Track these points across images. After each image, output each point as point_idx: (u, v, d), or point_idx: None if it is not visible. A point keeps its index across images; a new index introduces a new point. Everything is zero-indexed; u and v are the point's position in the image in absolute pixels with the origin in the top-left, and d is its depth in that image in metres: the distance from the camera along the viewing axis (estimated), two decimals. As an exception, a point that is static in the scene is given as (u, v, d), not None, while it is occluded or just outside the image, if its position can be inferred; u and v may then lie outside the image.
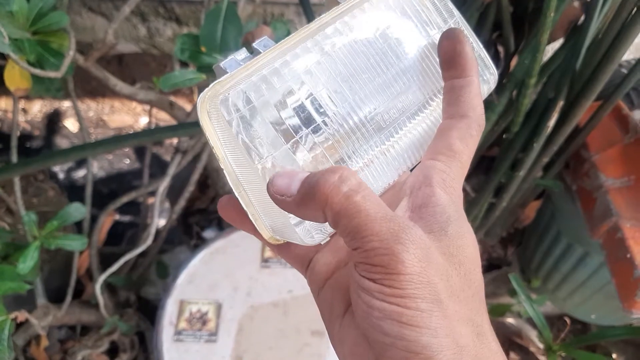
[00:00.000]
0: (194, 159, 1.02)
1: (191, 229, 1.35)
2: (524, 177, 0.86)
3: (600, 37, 0.72)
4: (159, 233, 1.11)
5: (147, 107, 1.65)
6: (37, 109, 1.65)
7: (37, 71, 0.73)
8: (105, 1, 1.51)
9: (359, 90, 0.30)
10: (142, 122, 1.66)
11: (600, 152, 0.86)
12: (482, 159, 1.00)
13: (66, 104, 1.66)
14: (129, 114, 1.67)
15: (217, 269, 0.97)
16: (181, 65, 0.94)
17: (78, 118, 1.00)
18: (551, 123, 0.77)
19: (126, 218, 1.44)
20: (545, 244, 1.04)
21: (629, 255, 0.79)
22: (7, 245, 0.88)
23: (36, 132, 1.61)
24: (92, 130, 1.63)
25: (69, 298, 1.00)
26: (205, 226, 1.33)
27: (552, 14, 0.64)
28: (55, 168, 1.51)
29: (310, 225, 0.30)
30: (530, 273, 1.14)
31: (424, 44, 0.33)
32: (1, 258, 0.88)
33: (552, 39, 0.77)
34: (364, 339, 0.27)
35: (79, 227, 1.09)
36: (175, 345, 0.88)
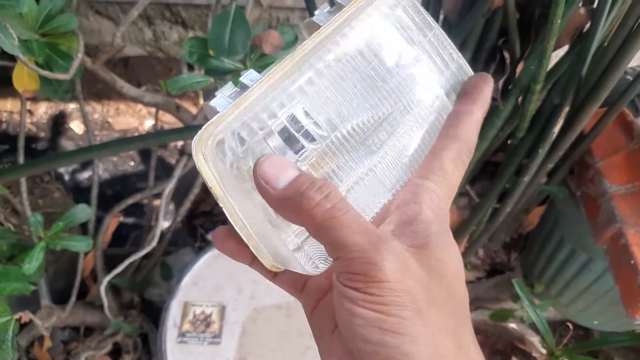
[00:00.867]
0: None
1: (196, 231, 1.36)
2: (529, 182, 0.87)
3: (606, 44, 0.72)
4: (163, 235, 1.11)
5: (153, 110, 1.66)
6: (43, 110, 1.66)
7: (45, 73, 0.73)
8: (112, 4, 1.52)
9: (348, 116, 0.31)
10: (147, 124, 1.67)
11: (605, 158, 0.86)
12: (487, 165, 1.00)
13: (72, 106, 1.66)
14: (134, 117, 1.68)
15: (221, 272, 0.98)
16: (188, 68, 0.95)
17: (84, 120, 1.01)
18: (556, 129, 0.77)
19: (130, 220, 1.44)
20: (548, 249, 1.04)
21: (633, 262, 0.79)
22: (13, 246, 0.89)
23: (42, 134, 1.62)
24: (97, 132, 1.64)
25: (73, 299, 1.00)
26: (210, 228, 1.34)
27: (559, 21, 0.64)
28: (61, 170, 1.52)
29: (313, 253, 0.31)
30: (533, 278, 1.14)
31: (408, 63, 0.33)
32: (6, 259, 0.89)
33: (558, 46, 0.77)
34: (349, 354, 0.28)
35: (84, 228, 1.09)
36: (179, 347, 0.89)
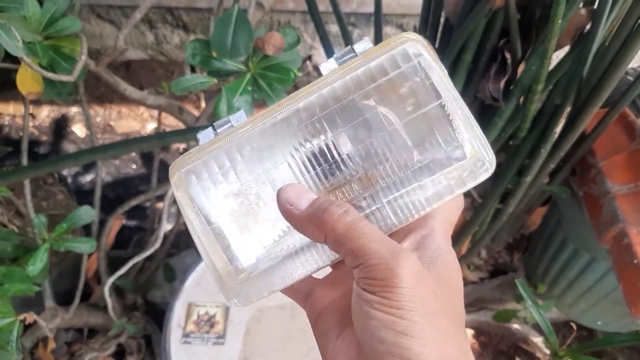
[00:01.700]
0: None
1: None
2: (531, 183, 0.87)
3: (607, 44, 0.73)
4: (166, 237, 1.11)
5: (155, 113, 1.66)
6: (45, 114, 1.66)
7: (49, 75, 0.74)
8: (114, 8, 1.53)
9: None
10: (149, 128, 1.67)
11: (607, 158, 0.86)
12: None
13: (74, 110, 1.67)
14: (136, 120, 1.68)
15: (224, 273, 0.98)
16: (191, 70, 0.95)
17: (87, 123, 1.01)
18: (558, 129, 0.77)
19: (133, 222, 1.45)
20: (551, 250, 1.05)
21: (636, 261, 0.79)
22: (17, 248, 0.89)
23: (44, 137, 1.62)
24: (99, 135, 1.64)
25: (77, 300, 1.00)
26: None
27: (560, 21, 0.65)
28: (64, 172, 1.52)
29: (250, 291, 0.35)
30: (536, 279, 1.14)
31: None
32: (10, 260, 0.89)
33: (559, 46, 0.78)
34: (355, 357, 0.31)
35: (87, 230, 1.10)
36: (183, 348, 0.89)
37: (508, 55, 0.80)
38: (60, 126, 1.65)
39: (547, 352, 0.92)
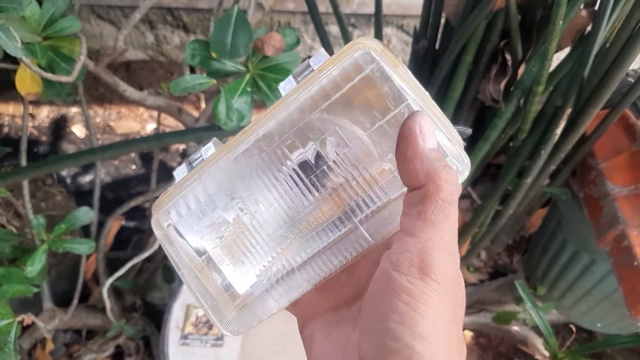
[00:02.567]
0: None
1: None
2: (531, 184, 0.87)
3: (608, 45, 0.73)
4: (165, 238, 1.11)
5: (154, 114, 1.66)
6: (45, 114, 1.66)
7: (48, 75, 0.74)
8: (114, 8, 1.52)
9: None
10: (149, 128, 1.67)
11: (607, 160, 0.86)
12: (489, 167, 1.01)
13: (73, 110, 1.67)
14: (136, 120, 1.68)
15: (223, 274, 0.97)
16: (190, 71, 0.95)
17: (87, 123, 1.01)
18: (559, 131, 0.77)
19: (132, 223, 1.44)
20: (551, 251, 1.04)
21: (636, 263, 0.79)
22: (15, 249, 0.89)
23: (43, 138, 1.62)
24: (99, 136, 1.64)
25: (76, 302, 1.00)
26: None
27: (561, 22, 0.64)
28: (63, 173, 1.52)
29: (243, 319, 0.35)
30: (536, 281, 1.14)
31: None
32: (9, 261, 0.89)
33: (560, 48, 0.78)
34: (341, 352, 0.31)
35: (86, 231, 1.09)
36: (181, 349, 0.89)
37: (508, 57, 0.80)
38: (60, 126, 1.65)
39: (547, 354, 0.92)
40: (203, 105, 1.63)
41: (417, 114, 0.28)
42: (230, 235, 0.34)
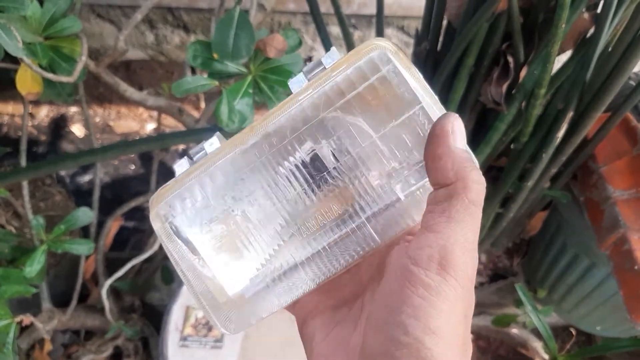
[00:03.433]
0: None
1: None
2: (532, 187, 0.86)
3: (610, 49, 0.72)
4: (164, 239, 1.11)
5: (154, 114, 1.66)
6: (44, 113, 1.65)
7: (50, 75, 0.73)
8: (114, 8, 1.52)
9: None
10: (148, 128, 1.67)
11: (609, 163, 0.86)
12: (490, 169, 1.00)
13: (73, 110, 1.66)
14: (135, 120, 1.68)
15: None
16: (192, 72, 0.95)
17: (87, 123, 1.00)
18: (560, 134, 0.77)
19: (131, 224, 1.44)
20: (551, 254, 1.04)
21: (636, 267, 0.78)
22: (14, 249, 0.88)
23: (42, 137, 1.62)
24: (98, 136, 1.63)
25: (74, 302, 1.00)
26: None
27: (563, 25, 0.64)
28: (62, 173, 1.52)
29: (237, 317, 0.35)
30: (535, 284, 1.14)
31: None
32: (8, 261, 0.88)
33: (562, 50, 0.78)
34: (342, 356, 0.30)
35: (85, 232, 1.09)
36: (180, 351, 0.88)
37: (510, 59, 0.80)
38: (59, 126, 1.65)
39: (546, 357, 0.92)
40: (203, 105, 1.63)
41: (450, 115, 0.29)
42: (232, 230, 0.34)
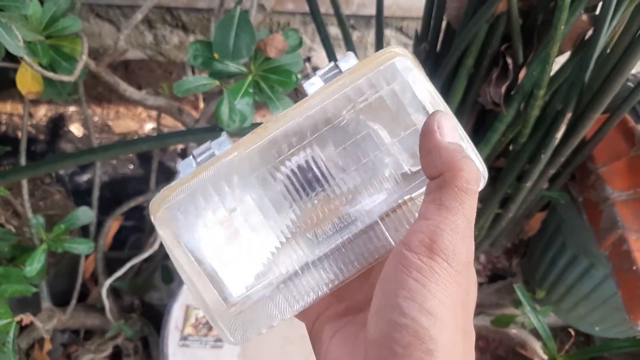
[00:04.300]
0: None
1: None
2: (531, 188, 0.87)
3: (608, 50, 0.73)
4: (164, 238, 1.11)
5: (152, 113, 1.65)
6: (43, 113, 1.65)
7: (50, 74, 0.74)
8: (113, 8, 1.52)
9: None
10: (147, 128, 1.67)
11: (607, 164, 0.86)
12: (489, 170, 1.01)
13: (71, 109, 1.66)
14: (134, 120, 1.68)
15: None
16: (192, 72, 0.95)
17: (86, 123, 1.01)
18: (559, 135, 0.78)
19: (131, 223, 1.44)
20: (550, 255, 1.05)
21: (635, 268, 0.79)
22: (14, 248, 0.88)
23: (41, 137, 1.61)
24: (97, 135, 1.63)
25: (74, 302, 1.00)
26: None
27: (562, 27, 0.65)
28: (61, 172, 1.52)
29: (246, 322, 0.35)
30: (534, 284, 1.14)
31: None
32: (7, 260, 0.88)
33: (561, 52, 0.78)
34: (349, 353, 0.31)
35: (84, 231, 1.09)
36: (181, 350, 0.88)
37: (510, 60, 0.80)
38: (58, 125, 1.64)
39: (545, 357, 0.92)
40: (201, 105, 1.63)
41: (436, 113, 0.30)
42: (236, 239, 0.33)
